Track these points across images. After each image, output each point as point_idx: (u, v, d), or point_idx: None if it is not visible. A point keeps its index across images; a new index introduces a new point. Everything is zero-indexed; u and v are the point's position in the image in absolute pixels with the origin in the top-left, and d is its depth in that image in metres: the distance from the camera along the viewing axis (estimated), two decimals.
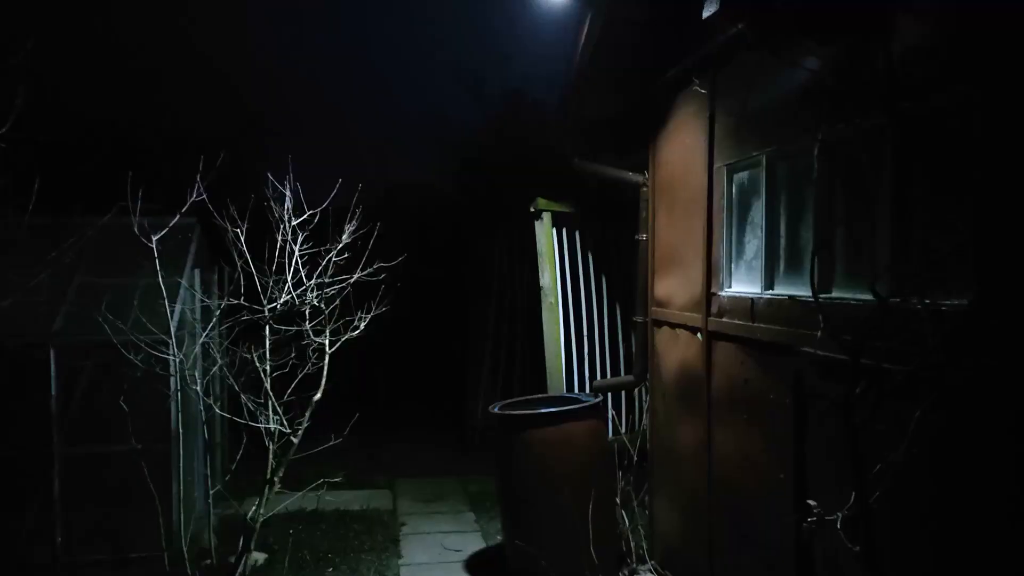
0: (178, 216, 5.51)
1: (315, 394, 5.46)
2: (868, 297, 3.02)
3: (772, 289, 4.33)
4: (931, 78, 2.98)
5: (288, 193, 5.42)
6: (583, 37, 5.67)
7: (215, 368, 5.77)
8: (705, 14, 4.23)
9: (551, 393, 6.93)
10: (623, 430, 6.93)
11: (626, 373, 7.28)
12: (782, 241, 4.30)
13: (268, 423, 5.39)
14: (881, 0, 3.15)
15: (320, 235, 5.72)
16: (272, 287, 5.43)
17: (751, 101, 4.41)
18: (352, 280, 5.63)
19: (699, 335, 5.12)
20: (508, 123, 14.46)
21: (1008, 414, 2.60)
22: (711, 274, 5.00)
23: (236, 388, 5.40)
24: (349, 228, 5.67)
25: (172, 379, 5.75)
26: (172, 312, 5.67)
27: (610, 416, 7.02)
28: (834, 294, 3.69)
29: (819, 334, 3.18)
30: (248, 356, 5.39)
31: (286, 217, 5.45)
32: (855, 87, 3.36)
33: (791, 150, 4.09)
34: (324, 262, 5.56)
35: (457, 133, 16.25)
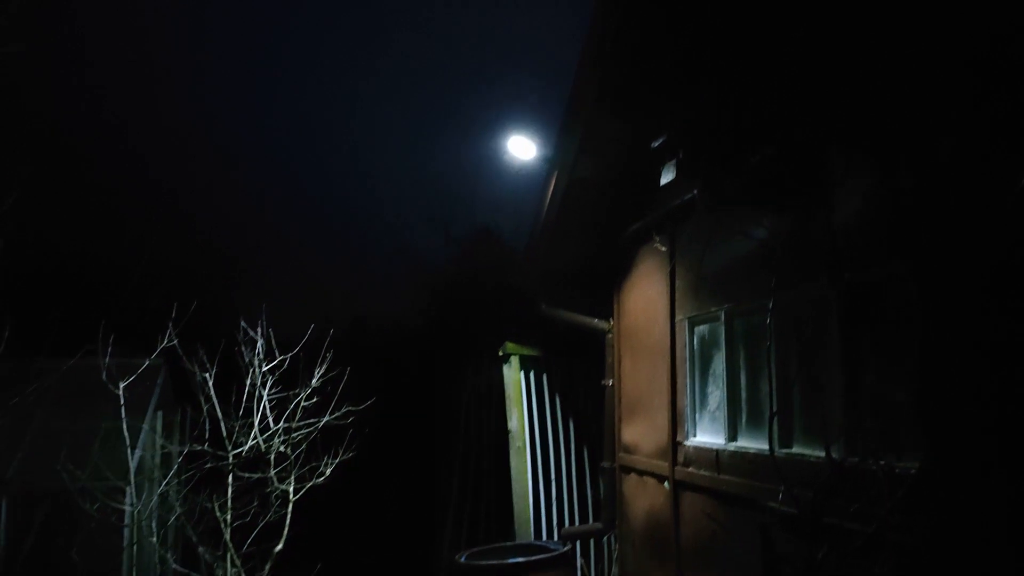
0: (147, 363, 5.51)
1: (277, 544, 5.31)
2: (825, 454, 3.13)
3: (736, 441, 4.42)
4: (870, 252, 3.22)
5: (260, 339, 5.46)
6: (549, 193, 5.98)
7: (173, 518, 5.61)
8: (663, 181, 4.53)
9: (519, 540, 6.80)
10: None
11: (595, 519, 7.19)
12: (743, 393, 4.43)
13: None
14: (819, 180, 3.44)
15: (290, 376, 5.73)
16: (238, 432, 5.38)
17: (708, 260, 4.66)
18: (320, 425, 5.61)
19: (666, 484, 5.15)
20: (476, 259, 14.80)
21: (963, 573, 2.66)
22: (676, 423, 5.09)
23: (194, 539, 5.24)
24: (319, 372, 5.70)
25: (126, 529, 5.57)
26: (132, 456, 5.56)
27: (579, 565, 6.88)
28: (794, 449, 3.79)
29: (781, 495, 3.25)
30: (209, 505, 5.26)
31: (256, 363, 5.47)
32: (801, 255, 3.60)
33: (747, 308, 4.29)
34: (292, 405, 5.55)
35: (426, 269, 16.59)
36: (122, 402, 5.14)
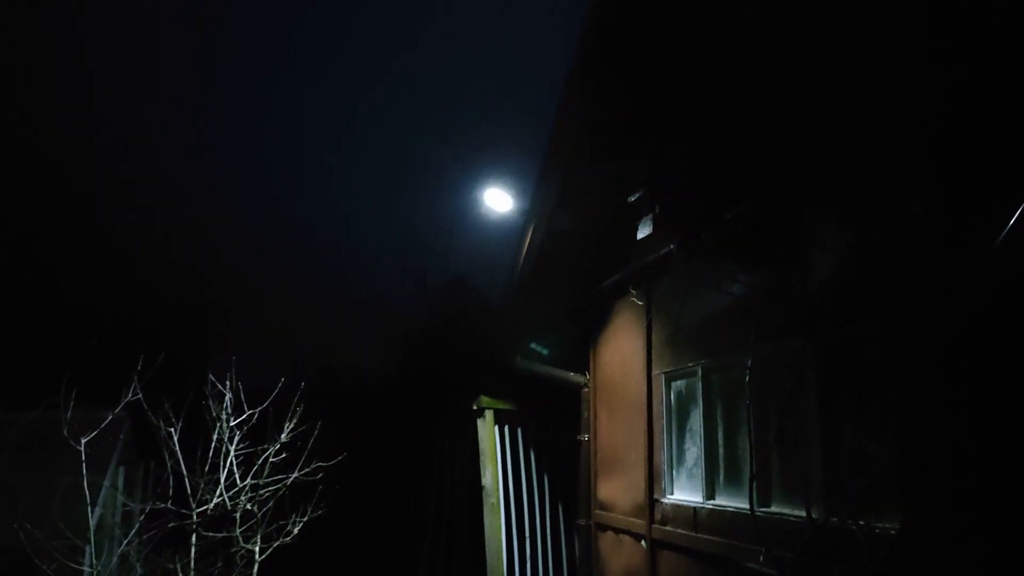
0: (110, 417, 5.35)
1: None
2: (805, 514, 3.09)
3: (713, 499, 4.35)
4: (846, 308, 3.22)
5: (228, 393, 5.34)
6: (525, 246, 5.97)
7: None
8: (640, 235, 4.54)
9: None
10: None
11: None
12: (721, 450, 4.38)
13: None
14: (795, 237, 3.46)
15: (258, 430, 5.59)
16: (203, 488, 5.21)
17: (684, 314, 4.65)
18: (289, 481, 5.46)
19: (643, 543, 5.05)
20: (451, 310, 14.71)
21: None
22: (653, 480, 5.02)
23: None
24: (288, 426, 5.57)
25: None
26: (91, 515, 5.35)
27: None
28: (773, 508, 3.73)
29: (762, 556, 3.19)
30: (171, 566, 5.06)
31: (223, 417, 5.33)
32: (778, 312, 3.60)
33: (724, 364, 4.28)
34: (260, 461, 5.41)
35: (400, 318, 16.47)
36: (83, 458, 4.96)
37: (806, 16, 3.38)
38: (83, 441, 5.01)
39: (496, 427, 7.16)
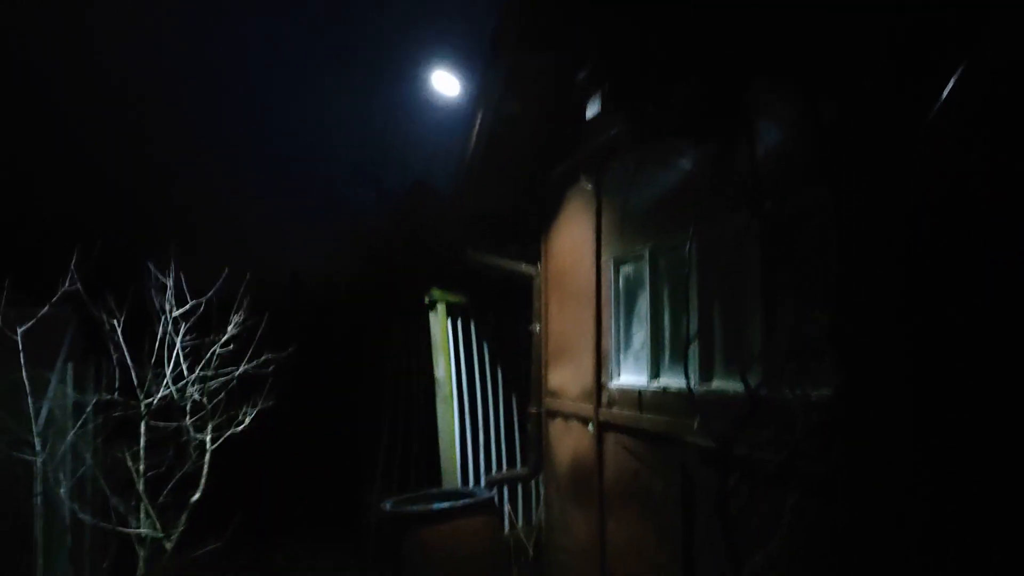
0: (47, 307, 5.21)
1: (194, 494, 5.15)
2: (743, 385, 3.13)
3: (658, 379, 4.41)
4: (791, 182, 3.18)
5: (170, 283, 5.22)
6: (474, 131, 5.80)
7: (83, 468, 5.39)
8: (588, 114, 4.42)
9: (446, 487, 6.76)
10: (519, 524, 6.81)
11: (522, 465, 7.21)
12: (666, 332, 4.42)
13: (140, 527, 5.02)
14: (743, 110, 3.38)
15: (206, 325, 5.53)
16: (150, 381, 5.17)
17: (633, 198, 4.59)
18: (237, 373, 5.44)
19: (590, 426, 5.15)
20: (408, 211, 14.55)
21: (873, 502, 2.69)
22: (601, 365, 5.07)
23: (106, 491, 5.05)
24: (236, 318, 5.51)
25: (35, 481, 5.31)
26: (40, 408, 5.29)
27: (506, 510, 6.90)
28: (714, 385, 3.79)
29: (696, 425, 3.25)
30: (121, 455, 5.06)
31: (167, 308, 5.24)
32: (724, 187, 3.55)
33: (670, 244, 4.26)
34: (208, 354, 5.36)
35: (359, 223, 16.27)
36: (20, 348, 4.85)
37: None
38: (19, 331, 4.89)
39: (448, 320, 7.16)
